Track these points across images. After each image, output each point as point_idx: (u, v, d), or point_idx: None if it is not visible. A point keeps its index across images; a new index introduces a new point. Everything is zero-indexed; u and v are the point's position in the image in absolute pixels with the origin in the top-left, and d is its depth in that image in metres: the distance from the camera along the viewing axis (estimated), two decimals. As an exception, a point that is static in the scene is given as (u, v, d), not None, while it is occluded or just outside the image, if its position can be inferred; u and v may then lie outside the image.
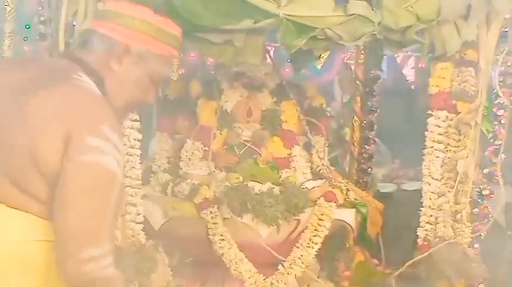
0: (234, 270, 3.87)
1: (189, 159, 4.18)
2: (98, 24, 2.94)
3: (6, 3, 4.33)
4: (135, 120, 3.53)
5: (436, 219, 3.97)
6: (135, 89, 2.93)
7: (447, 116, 3.94)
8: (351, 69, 5.49)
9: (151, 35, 2.92)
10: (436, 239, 3.94)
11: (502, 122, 4.01)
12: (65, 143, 2.47)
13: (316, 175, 4.28)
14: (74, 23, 3.64)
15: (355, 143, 4.83)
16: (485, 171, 4.05)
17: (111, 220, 2.60)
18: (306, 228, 3.99)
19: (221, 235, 3.86)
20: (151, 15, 2.91)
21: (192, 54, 5.51)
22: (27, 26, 4.41)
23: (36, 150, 2.47)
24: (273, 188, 3.99)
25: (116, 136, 2.57)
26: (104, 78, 2.79)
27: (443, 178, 3.97)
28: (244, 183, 3.98)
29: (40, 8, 4.01)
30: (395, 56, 8.05)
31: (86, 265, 2.53)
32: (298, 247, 3.96)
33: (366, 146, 4.81)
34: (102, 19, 2.95)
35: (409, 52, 7.59)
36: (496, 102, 3.99)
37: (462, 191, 3.94)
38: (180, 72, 5.60)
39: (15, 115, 2.57)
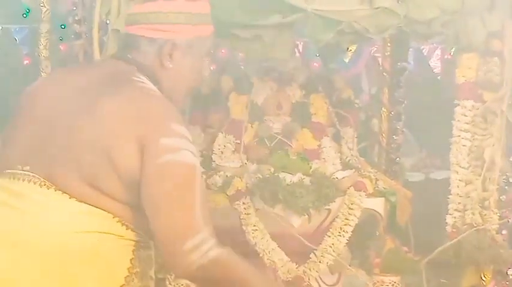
0: (267, 259, 3.89)
1: (222, 152, 4.19)
2: (137, 29, 2.96)
3: (41, 4, 4.35)
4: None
5: (464, 206, 3.96)
6: (190, 79, 3.04)
7: (473, 106, 3.94)
8: (378, 61, 5.48)
9: (190, 23, 2.96)
10: (465, 226, 3.93)
11: None
12: (139, 147, 2.56)
13: (346, 165, 4.28)
14: (108, 22, 3.65)
15: (383, 134, 4.82)
16: None
17: (202, 205, 2.64)
18: (336, 217, 4.00)
19: (254, 225, 3.89)
20: (184, 4, 2.95)
21: (222, 51, 5.52)
22: (62, 26, 4.42)
23: (110, 152, 2.55)
24: (304, 178, 3.98)
25: (183, 129, 2.65)
26: (161, 77, 2.87)
27: (470, 166, 3.96)
28: (276, 174, 3.97)
29: (74, 8, 4.05)
30: (421, 47, 8.01)
31: (191, 255, 2.61)
32: (329, 236, 3.97)
33: (394, 136, 4.80)
34: (138, 23, 2.96)
35: (434, 44, 7.54)
36: None
37: (489, 178, 3.93)
38: (212, 68, 5.64)
39: (86, 115, 2.64)
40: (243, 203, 3.91)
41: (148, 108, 2.70)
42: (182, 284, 3.80)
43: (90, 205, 2.56)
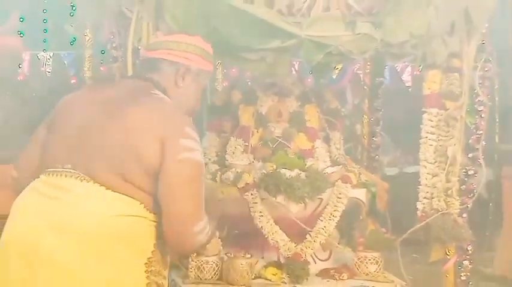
0: (271, 239, 3.91)
1: (233, 152, 4.21)
2: (160, 53, 3.10)
3: (85, 34, 4.40)
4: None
5: (431, 195, 3.99)
6: (193, 99, 3.18)
7: (438, 112, 3.97)
8: (359, 77, 5.49)
9: (202, 56, 3.15)
10: (432, 211, 3.97)
11: (482, 116, 4.06)
12: (161, 145, 2.70)
13: (334, 162, 4.30)
14: (139, 48, 3.69)
15: (364, 136, 4.92)
16: (470, 155, 4.07)
17: (203, 197, 2.84)
18: (327, 205, 4.01)
19: (260, 212, 3.91)
20: (201, 41, 3.18)
21: (233, 70, 5.51)
22: (102, 51, 4.45)
23: (138, 151, 2.69)
24: (300, 173, 3.99)
25: (195, 133, 2.83)
26: (171, 94, 3.00)
27: (436, 161, 3.99)
28: (277, 170, 4.00)
29: (112, 37, 4.08)
30: (395, 65, 8.03)
31: (198, 236, 2.81)
32: (321, 220, 3.99)
33: (373, 138, 4.89)
34: (162, 48, 3.10)
35: (406, 62, 7.51)
36: (476, 100, 4.02)
37: (452, 172, 3.98)
38: (224, 84, 5.62)
39: (117, 121, 2.76)
40: (251, 194, 3.93)
41: (169, 114, 2.87)
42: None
43: (121, 193, 2.66)
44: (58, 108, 3.01)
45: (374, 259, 4.01)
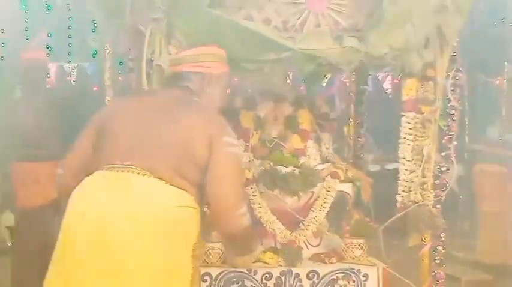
0: (269, 228, 3.93)
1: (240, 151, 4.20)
2: (188, 66, 3.20)
3: (105, 47, 4.39)
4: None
5: (409, 188, 4.00)
6: (220, 100, 3.31)
7: (414, 116, 3.97)
8: (346, 85, 5.51)
9: (221, 61, 3.29)
10: (410, 202, 3.98)
11: (453, 119, 4.04)
12: (209, 142, 2.84)
13: (324, 160, 4.32)
14: (152, 59, 3.67)
15: (350, 137, 4.93)
16: (443, 153, 4.07)
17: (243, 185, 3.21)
18: (318, 197, 4.03)
19: (259, 204, 3.92)
20: (217, 49, 3.30)
21: (235, 79, 5.52)
22: (120, 63, 4.46)
23: (191, 148, 2.83)
24: (294, 170, 4.00)
25: (233, 132, 3.02)
26: (203, 99, 3.13)
27: (413, 159, 4.00)
28: (274, 167, 4.02)
29: (129, 50, 4.09)
30: (377, 75, 8.05)
31: (242, 218, 2.94)
32: (313, 211, 4.00)
33: (358, 139, 4.91)
34: (189, 62, 3.20)
35: (386, 72, 7.52)
36: (448, 105, 4.03)
37: (427, 168, 3.99)
38: (227, 92, 5.64)
39: (171, 124, 2.91)
40: (251, 188, 3.94)
41: (212, 117, 3.03)
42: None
43: (177, 187, 2.76)
44: (108, 112, 3.14)
45: (359, 245, 4.03)
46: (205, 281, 3.77)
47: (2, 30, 6.81)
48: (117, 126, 3.03)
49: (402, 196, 4.04)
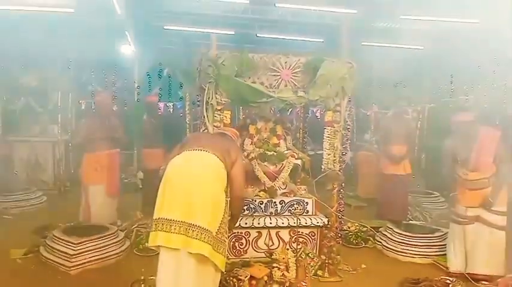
0: (261, 180, 4.06)
1: (246, 145, 4.29)
2: (223, 130, 3.45)
3: (186, 95, 4.56)
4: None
5: (327, 162, 4.05)
6: (237, 140, 3.45)
7: (331, 129, 4.03)
8: (298, 113, 5.56)
9: (236, 131, 3.45)
10: (328, 169, 4.03)
11: (348, 130, 4.10)
12: (235, 153, 2.98)
13: (288, 149, 4.37)
14: (211, 103, 3.77)
15: (300, 138, 4.93)
16: (344, 146, 4.09)
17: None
18: (285, 166, 4.14)
19: (258, 169, 4.05)
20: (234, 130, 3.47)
21: (246, 110, 5.45)
22: (193, 103, 4.50)
23: (229, 151, 2.94)
24: (274, 153, 4.19)
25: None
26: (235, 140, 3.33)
27: (330, 148, 4.04)
28: (265, 151, 4.19)
29: (197, 96, 4.05)
30: (313, 109, 8.09)
31: (242, 203, 3.22)
32: (282, 172, 4.12)
33: (304, 139, 4.90)
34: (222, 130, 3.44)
35: (317, 107, 7.64)
36: (346, 123, 4.07)
37: (336, 153, 4.04)
38: (243, 117, 5.66)
39: (220, 140, 3.10)
40: (254, 161, 4.08)
41: (237, 145, 3.23)
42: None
43: (220, 160, 2.84)
44: (186, 137, 3.21)
45: (304, 189, 4.21)
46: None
47: (138, 87, 7.05)
48: (195, 137, 3.18)
49: (324, 166, 4.09)
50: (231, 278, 3.31)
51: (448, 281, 3.59)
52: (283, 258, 3.57)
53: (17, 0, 7.22)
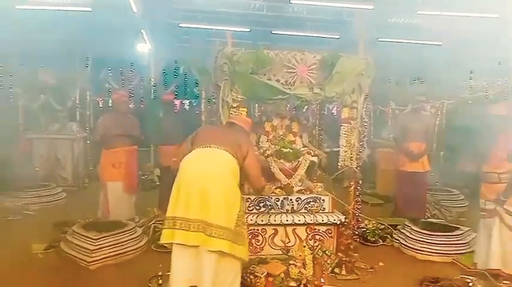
0: (277, 177, 4.04)
1: (262, 141, 4.28)
2: (235, 119, 3.38)
3: (202, 92, 4.55)
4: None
5: (344, 159, 4.07)
6: (249, 130, 3.42)
7: (347, 125, 4.04)
8: (314, 111, 5.44)
9: (249, 120, 3.43)
10: (345, 166, 4.05)
11: (365, 127, 4.13)
12: (247, 145, 3.01)
13: (304, 146, 4.35)
14: (227, 100, 3.78)
15: (316, 135, 4.88)
16: (361, 143, 4.11)
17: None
18: (301, 163, 4.14)
19: (273, 166, 4.04)
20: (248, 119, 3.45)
21: (262, 107, 5.57)
22: (209, 100, 4.60)
23: (240, 144, 2.96)
24: (290, 150, 4.15)
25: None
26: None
27: (346, 145, 4.06)
28: (280, 149, 4.16)
29: (213, 93, 4.19)
30: (329, 106, 7.96)
31: (261, 181, 3.25)
32: (299, 169, 4.11)
33: (320, 136, 4.87)
34: (235, 119, 3.37)
35: (333, 104, 7.51)
36: (363, 120, 4.08)
37: (353, 150, 4.05)
38: (258, 114, 5.69)
39: (231, 133, 3.10)
40: (271, 158, 4.07)
41: (248, 136, 3.25)
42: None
43: (231, 155, 2.88)
44: (197, 131, 3.16)
45: (320, 186, 4.15)
46: (247, 201, 3.90)
47: (154, 85, 7.09)
48: (205, 132, 3.15)
49: (341, 163, 4.10)
50: (248, 274, 3.32)
51: (468, 280, 3.51)
52: (300, 255, 3.56)
53: (36, 0, 7.39)
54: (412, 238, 4.43)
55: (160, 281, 3.33)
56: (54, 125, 7.35)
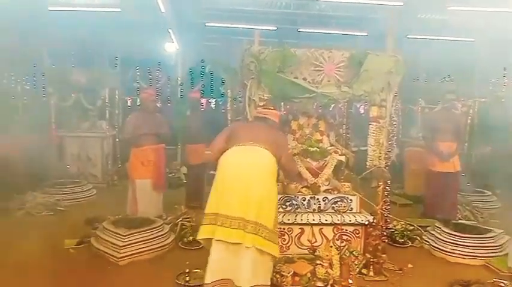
0: (304, 176, 4.04)
1: (289, 140, 4.19)
2: (262, 113, 3.41)
3: (228, 91, 4.57)
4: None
5: (372, 158, 4.03)
6: (279, 125, 3.48)
7: (376, 124, 4.00)
8: (342, 109, 5.45)
9: (277, 113, 3.46)
10: (373, 165, 4.02)
11: (394, 126, 4.13)
12: (283, 144, 3.20)
13: (331, 145, 4.32)
14: (253, 99, 3.78)
15: (343, 133, 4.87)
16: (389, 142, 4.11)
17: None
18: (328, 162, 4.13)
19: (300, 165, 4.02)
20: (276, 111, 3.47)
21: (288, 106, 5.57)
22: (235, 99, 4.66)
23: (276, 143, 3.08)
24: (317, 149, 4.12)
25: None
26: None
27: (375, 145, 4.02)
28: (307, 148, 4.13)
29: (239, 92, 4.26)
30: (357, 104, 7.86)
31: (297, 169, 3.49)
32: (326, 168, 4.11)
33: (347, 135, 4.86)
34: (262, 113, 3.40)
35: (361, 102, 7.43)
36: (392, 119, 4.07)
37: (381, 149, 4.01)
38: (284, 112, 5.67)
39: (269, 132, 3.18)
40: (298, 157, 4.06)
41: (283, 135, 3.43)
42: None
43: (272, 155, 2.96)
44: (233, 125, 3.31)
45: (348, 186, 4.09)
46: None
47: (181, 84, 7.18)
48: (243, 129, 3.22)
49: (369, 162, 4.07)
50: (274, 274, 3.32)
51: (501, 284, 3.40)
52: (327, 255, 3.54)
53: (67, 1, 7.62)
54: (442, 240, 4.34)
55: (187, 278, 3.36)
56: (84, 124, 7.52)
